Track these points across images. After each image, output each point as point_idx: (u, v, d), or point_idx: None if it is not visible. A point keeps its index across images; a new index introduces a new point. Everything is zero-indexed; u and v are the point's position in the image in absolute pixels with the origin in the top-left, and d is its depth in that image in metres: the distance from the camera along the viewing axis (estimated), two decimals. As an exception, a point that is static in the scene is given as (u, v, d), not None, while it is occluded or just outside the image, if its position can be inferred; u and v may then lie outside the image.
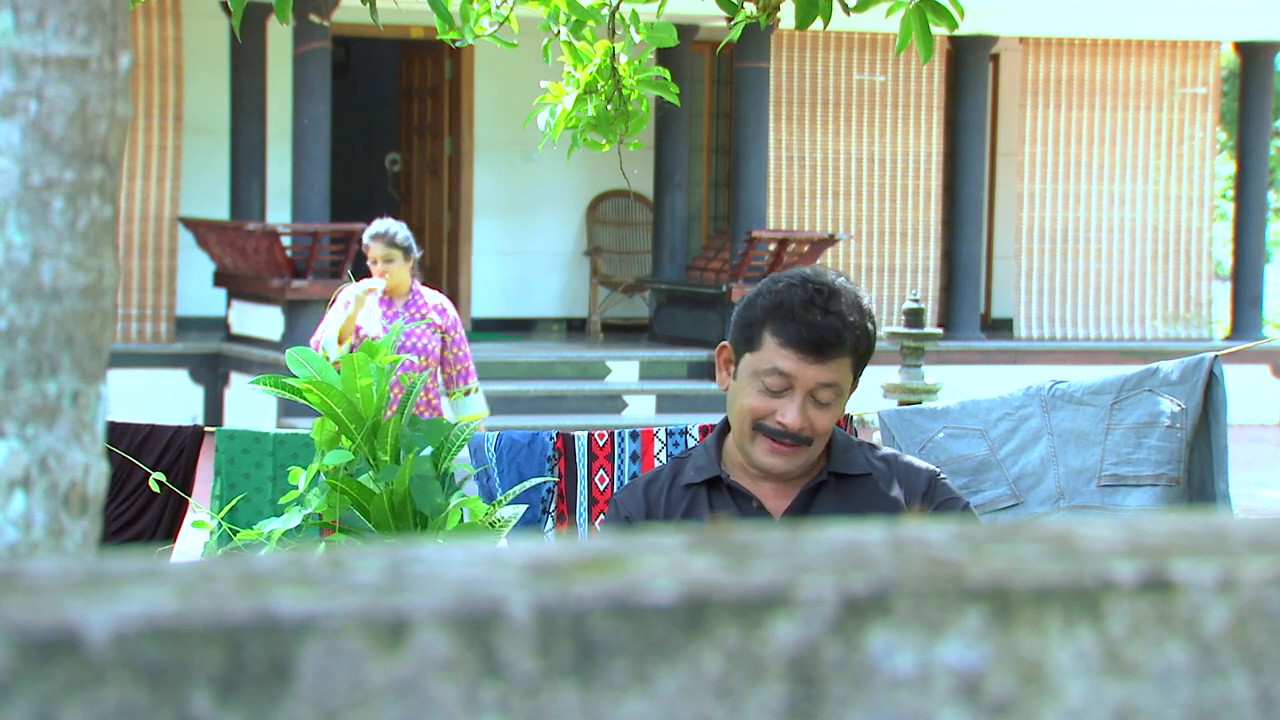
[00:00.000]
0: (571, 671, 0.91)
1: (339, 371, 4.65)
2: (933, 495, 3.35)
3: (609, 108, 5.80)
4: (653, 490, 3.38)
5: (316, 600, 0.89)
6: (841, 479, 3.34)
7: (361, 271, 9.42)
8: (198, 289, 16.17)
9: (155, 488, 6.25)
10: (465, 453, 6.13)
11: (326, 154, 14.93)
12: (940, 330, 10.76)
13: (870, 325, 3.27)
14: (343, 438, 4.62)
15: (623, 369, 15.74)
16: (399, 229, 8.86)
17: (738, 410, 3.28)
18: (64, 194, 1.79)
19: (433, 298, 8.92)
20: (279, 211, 16.05)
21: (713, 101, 18.15)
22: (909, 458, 3.44)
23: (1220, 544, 1.05)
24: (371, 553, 0.99)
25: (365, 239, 8.83)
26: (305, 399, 4.63)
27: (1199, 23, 17.22)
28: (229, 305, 15.73)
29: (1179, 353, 6.74)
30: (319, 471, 4.64)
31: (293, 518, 4.62)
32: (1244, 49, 17.56)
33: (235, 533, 4.98)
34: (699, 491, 3.35)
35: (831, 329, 3.20)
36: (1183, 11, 17.03)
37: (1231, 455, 6.07)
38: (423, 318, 8.72)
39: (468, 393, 8.81)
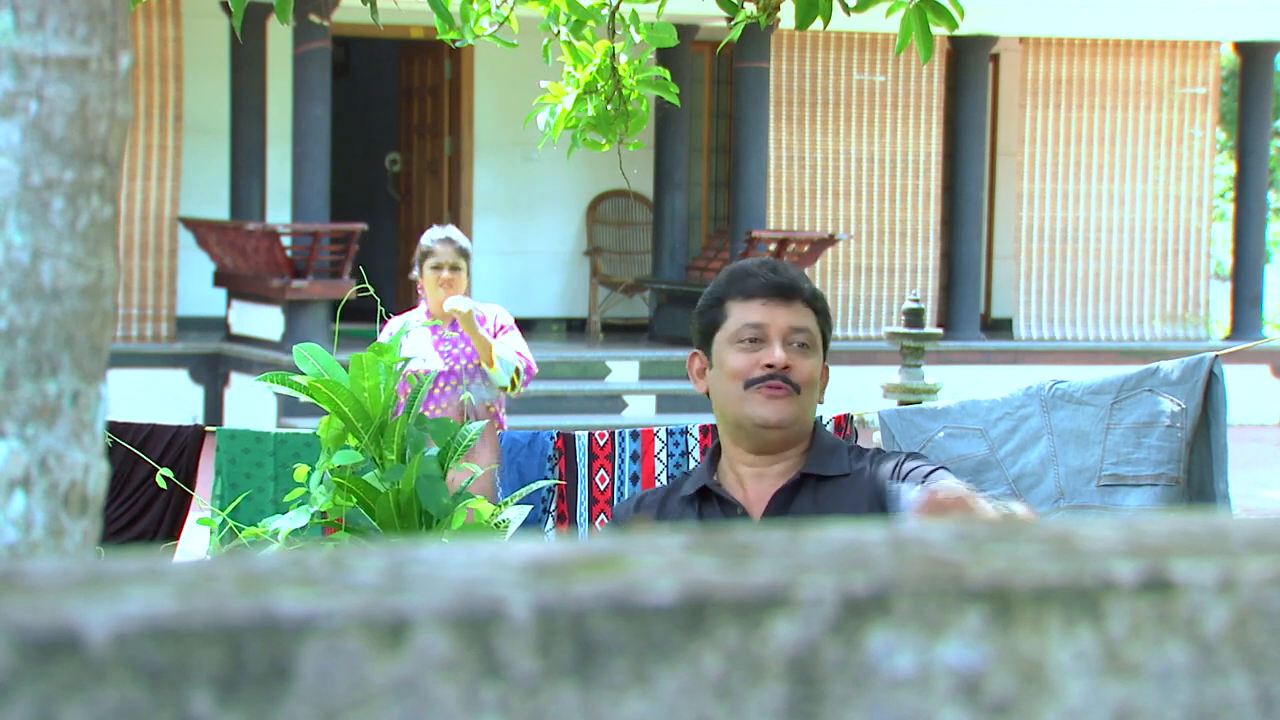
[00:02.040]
0: (571, 671, 0.91)
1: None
2: (901, 471, 3.39)
3: (609, 108, 5.80)
4: (646, 502, 3.48)
5: (316, 600, 0.89)
6: (820, 480, 3.38)
7: (374, 277, 8.59)
8: (198, 289, 16.16)
9: (161, 484, 6.25)
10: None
11: (326, 154, 14.93)
12: (940, 330, 10.76)
13: (823, 297, 3.43)
14: (349, 436, 4.62)
15: (623, 369, 15.74)
16: (463, 236, 8.02)
17: (724, 380, 3.36)
18: (64, 194, 1.79)
19: (485, 311, 7.91)
20: (279, 211, 16.05)
21: (713, 101, 18.15)
22: (888, 450, 3.50)
23: (1220, 544, 1.05)
24: (372, 553, 0.99)
25: (429, 243, 7.86)
26: (312, 396, 4.63)
27: (1199, 23, 17.22)
28: (229, 305, 15.74)
29: (1179, 353, 6.74)
30: (325, 470, 4.64)
31: (300, 516, 4.62)
32: (1244, 49, 17.56)
33: (238, 532, 4.98)
34: (690, 502, 3.43)
35: (788, 276, 3.37)
36: (1183, 11, 17.03)
37: (1231, 455, 6.06)
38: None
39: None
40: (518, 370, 7.71)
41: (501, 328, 7.85)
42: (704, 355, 3.40)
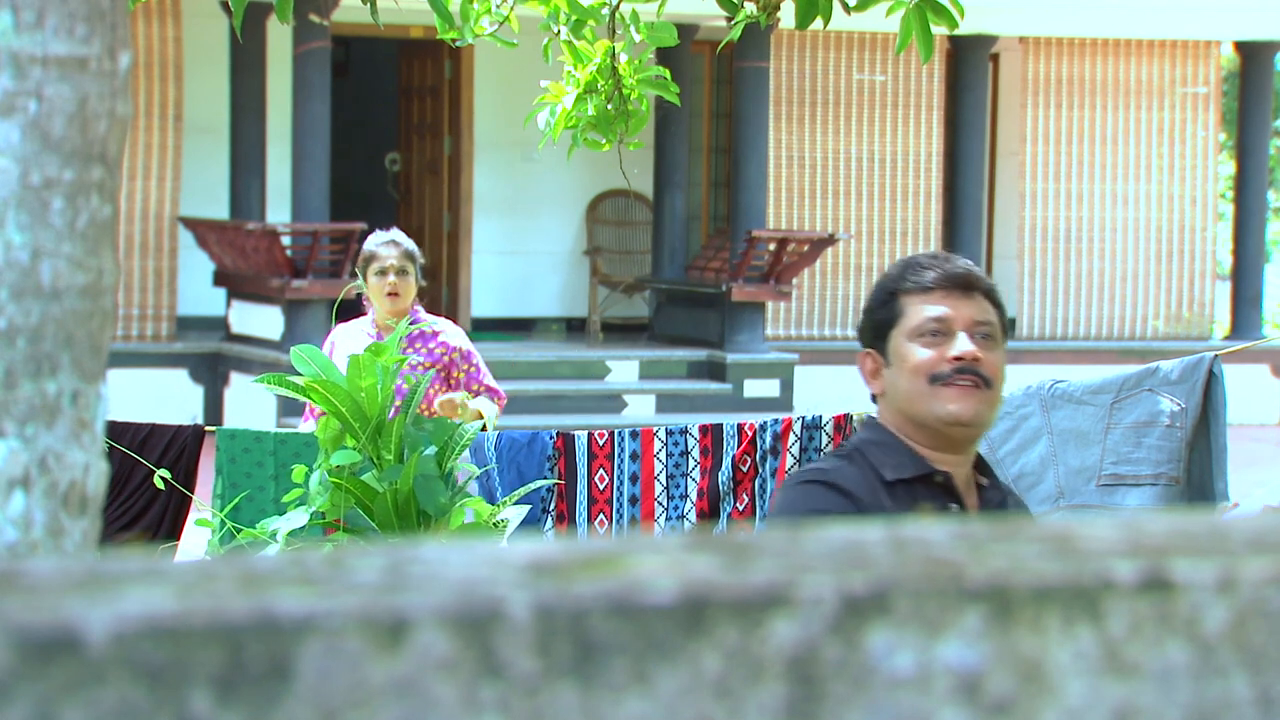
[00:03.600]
0: (571, 671, 0.91)
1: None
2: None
3: (609, 107, 5.80)
4: (857, 477, 3.18)
5: (316, 600, 0.89)
6: (1006, 495, 3.31)
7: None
8: (198, 289, 16.17)
9: (159, 485, 6.25)
10: (466, 453, 6.10)
11: (326, 153, 14.93)
12: (940, 330, 10.73)
13: (995, 285, 3.30)
14: (347, 436, 4.62)
15: (622, 368, 15.74)
16: (409, 239, 7.34)
17: (907, 377, 3.18)
18: (63, 193, 1.79)
19: (443, 327, 7.23)
20: (279, 211, 16.05)
21: (713, 101, 18.15)
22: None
23: (1220, 544, 1.05)
24: (371, 552, 0.99)
25: (373, 246, 7.18)
26: (310, 397, 4.63)
27: (1199, 23, 17.22)
28: (229, 305, 15.74)
29: (1179, 352, 6.74)
30: (323, 470, 4.65)
31: (298, 516, 4.62)
32: (1244, 49, 17.56)
33: (238, 532, 4.99)
34: (899, 490, 3.18)
35: (964, 267, 3.25)
36: (1183, 11, 17.03)
37: (1231, 455, 6.06)
38: (430, 354, 7.07)
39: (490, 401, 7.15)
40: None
41: (465, 355, 7.14)
42: (877, 355, 3.23)
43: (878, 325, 3.24)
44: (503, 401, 7.18)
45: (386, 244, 7.16)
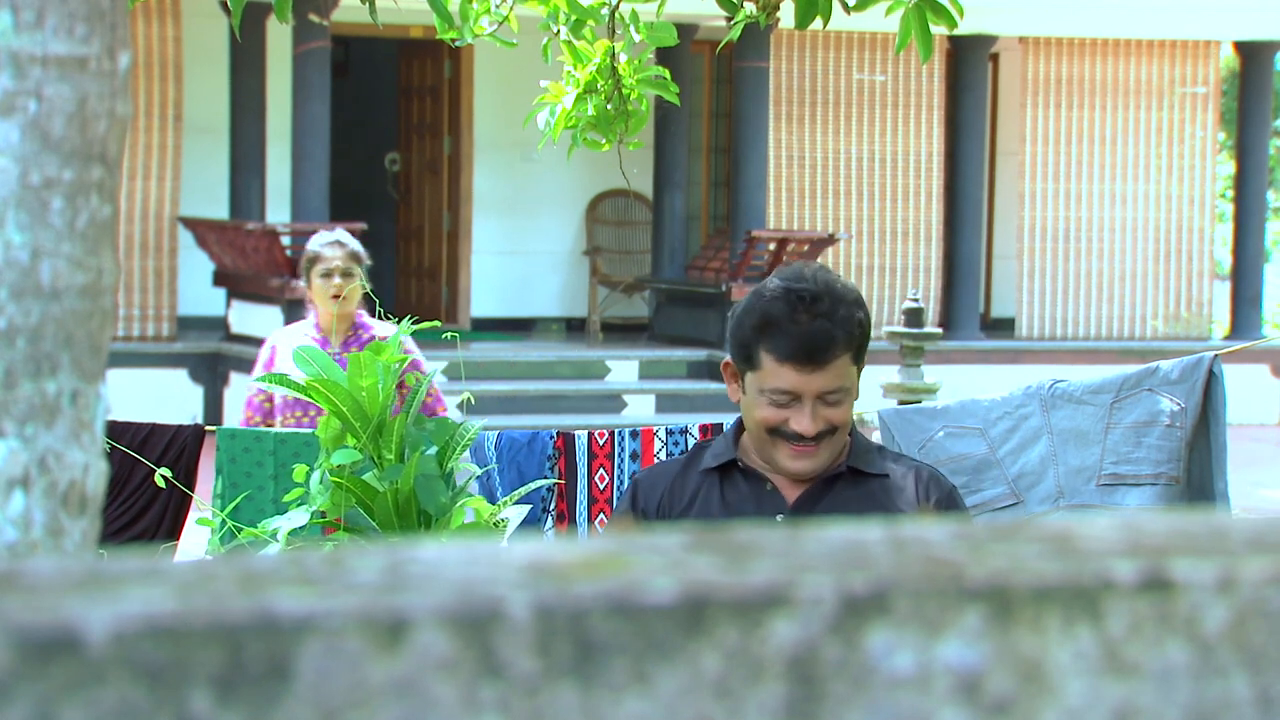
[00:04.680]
0: (571, 671, 0.91)
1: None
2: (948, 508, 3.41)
3: (609, 107, 5.80)
4: (666, 474, 3.46)
5: (316, 600, 0.89)
6: (858, 476, 3.38)
7: (373, 277, 7.22)
8: (198, 289, 16.17)
9: (161, 484, 6.25)
10: (466, 452, 6.09)
11: (326, 153, 14.93)
12: (940, 330, 10.75)
13: (861, 314, 3.27)
14: (348, 436, 4.62)
15: (622, 368, 15.74)
16: (354, 240, 7.07)
17: (753, 422, 3.33)
18: (63, 193, 1.79)
19: (385, 332, 6.74)
20: (278, 211, 16.05)
21: (713, 101, 18.14)
22: (936, 470, 3.48)
23: (1220, 544, 1.05)
24: (371, 552, 0.99)
25: (316, 247, 6.92)
26: (310, 396, 4.63)
27: (1199, 23, 17.22)
28: (229, 305, 15.74)
29: (1179, 352, 6.74)
30: (324, 469, 4.64)
31: (299, 516, 4.62)
32: (1244, 49, 17.56)
33: (238, 531, 4.98)
34: (712, 476, 3.40)
35: (823, 334, 3.22)
36: (1183, 11, 17.03)
37: (1231, 455, 6.06)
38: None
39: None
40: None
41: (414, 363, 6.60)
42: (737, 373, 3.34)
43: (737, 357, 3.33)
44: (444, 412, 6.85)
45: (331, 244, 6.92)
